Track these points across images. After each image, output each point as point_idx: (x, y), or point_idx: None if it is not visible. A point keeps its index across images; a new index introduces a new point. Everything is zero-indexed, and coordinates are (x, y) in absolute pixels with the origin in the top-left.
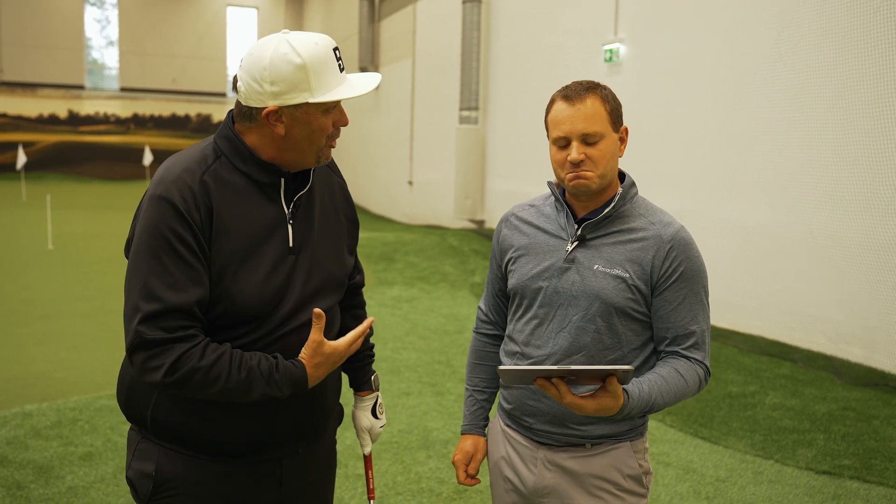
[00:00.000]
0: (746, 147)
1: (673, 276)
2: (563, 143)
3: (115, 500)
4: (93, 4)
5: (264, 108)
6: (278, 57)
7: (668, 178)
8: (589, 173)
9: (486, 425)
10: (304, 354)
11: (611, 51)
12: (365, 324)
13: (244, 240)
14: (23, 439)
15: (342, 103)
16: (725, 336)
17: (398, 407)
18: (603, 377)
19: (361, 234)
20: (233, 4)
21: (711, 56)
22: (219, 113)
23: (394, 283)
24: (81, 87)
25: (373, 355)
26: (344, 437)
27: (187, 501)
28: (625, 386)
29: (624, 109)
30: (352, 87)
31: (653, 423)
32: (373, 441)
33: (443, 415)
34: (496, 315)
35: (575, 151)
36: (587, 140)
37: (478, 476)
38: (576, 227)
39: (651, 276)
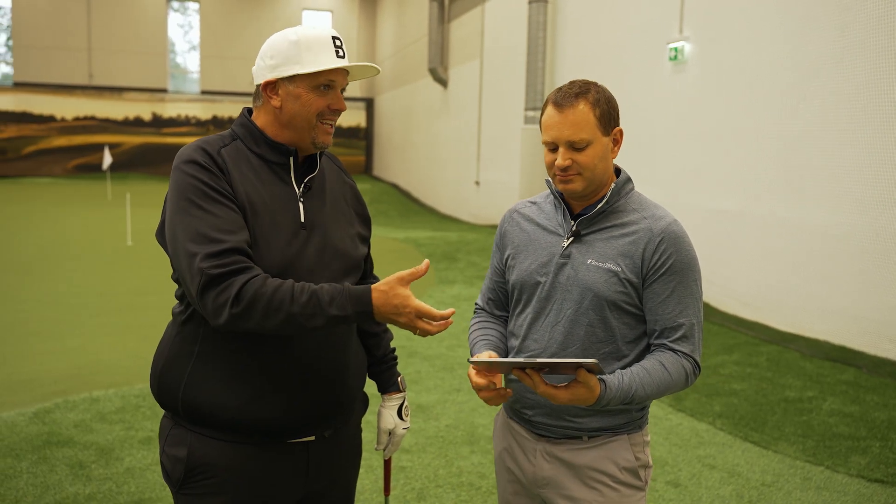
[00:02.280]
0: (809, 146)
1: (662, 269)
2: (552, 147)
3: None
4: (176, 10)
5: (264, 81)
6: (279, 38)
7: (730, 177)
8: (575, 178)
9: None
10: (377, 284)
11: (675, 49)
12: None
13: (261, 211)
14: (88, 423)
15: (344, 100)
16: (788, 340)
17: (448, 403)
18: (574, 368)
19: (426, 233)
20: (308, 8)
21: (776, 53)
22: None
23: (454, 281)
24: (165, 91)
25: (396, 358)
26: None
27: (218, 485)
28: (603, 377)
29: (687, 108)
30: (343, 62)
31: (701, 426)
32: (393, 445)
33: (491, 412)
34: (492, 306)
35: (561, 158)
36: (574, 146)
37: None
38: (572, 223)
39: (642, 269)
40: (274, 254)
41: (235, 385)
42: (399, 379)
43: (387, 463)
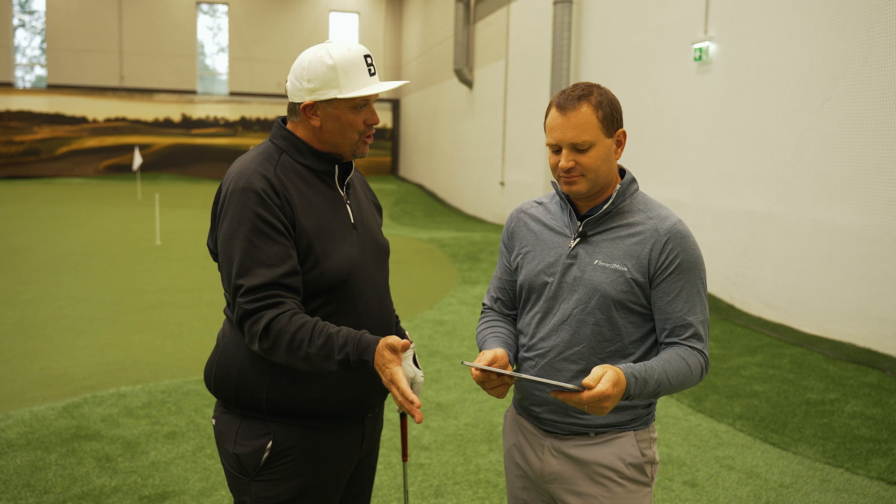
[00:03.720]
0: (837, 147)
1: (669, 269)
2: (555, 149)
3: (191, 476)
4: (205, 13)
5: (303, 103)
6: (315, 59)
7: (755, 178)
8: (578, 179)
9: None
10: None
11: (700, 49)
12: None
13: (320, 218)
14: (115, 417)
15: (374, 106)
16: (812, 342)
17: (467, 402)
18: (558, 390)
19: (450, 234)
20: (336, 10)
21: (801, 54)
22: None
23: (477, 281)
24: (194, 93)
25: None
26: (411, 427)
27: (297, 467)
28: (628, 371)
29: (712, 108)
30: (380, 86)
31: (721, 427)
32: (417, 391)
33: None
34: (500, 305)
35: (564, 160)
36: (577, 148)
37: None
38: (578, 224)
39: (648, 269)
40: (342, 257)
41: (317, 378)
42: (406, 332)
43: (403, 426)
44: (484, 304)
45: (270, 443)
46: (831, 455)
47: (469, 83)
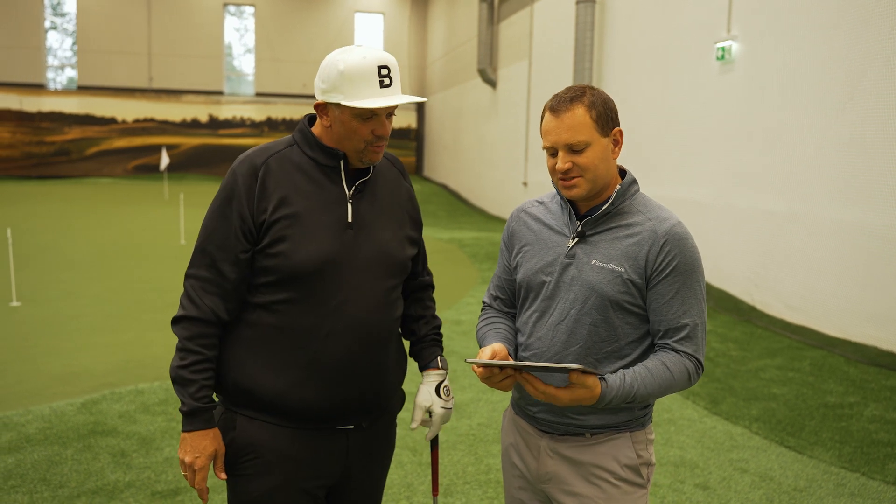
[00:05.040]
0: (860, 147)
1: (666, 270)
2: (552, 152)
3: None
4: (232, 15)
5: (317, 101)
6: (331, 61)
7: (778, 179)
8: (577, 181)
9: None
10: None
11: (723, 49)
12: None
13: (302, 208)
14: (132, 413)
15: (398, 109)
16: (833, 344)
17: (481, 402)
18: (566, 372)
19: (471, 234)
20: (361, 11)
21: (824, 53)
22: None
23: None
24: (221, 93)
25: (438, 338)
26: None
27: (265, 466)
28: (604, 376)
29: (734, 108)
30: (379, 101)
31: (737, 430)
32: (434, 426)
33: None
34: (499, 304)
35: (561, 161)
36: (573, 149)
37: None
38: (577, 223)
39: (645, 270)
40: (314, 250)
41: (279, 370)
42: (439, 357)
43: (434, 459)
44: (484, 302)
45: (234, 435)
46: (848, 459)
47: (493, 83)
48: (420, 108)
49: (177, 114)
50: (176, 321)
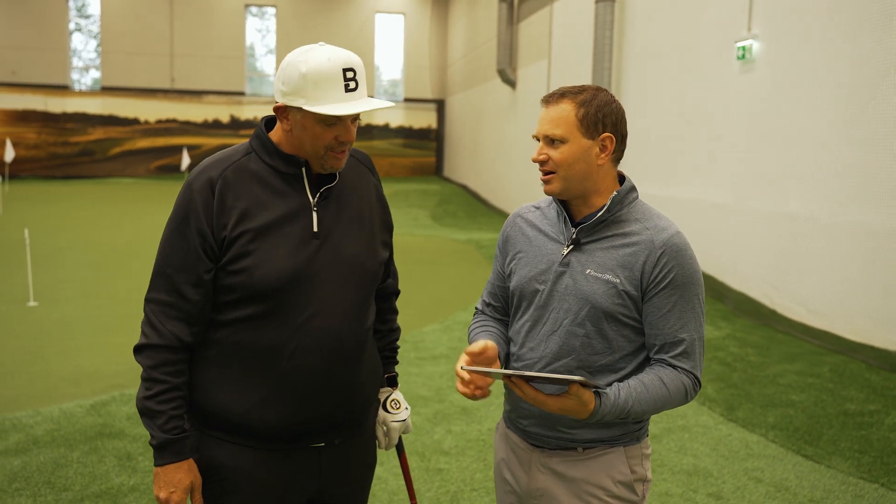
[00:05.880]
0: (882, 148)
1: (663, 283)
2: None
3: None
4: (254, 16)
5: (277, 104)
6: (292, 63)
7: (799, 180)
8: (552, 178)
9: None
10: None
11: (743, 48)
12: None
13: (264, 221)
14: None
15: (349, 122)
16: (854, 349)
17: (491, 406)
18: (566, 383)
19: (489, 235)
20: (382, 11)
21: (846, 52)
22: (365, 115)
23: None
24: (242, 94)
25: (392, 354)
26: (433, 431)
27: (232, 486)
28: (599, 391)
29: (755, 108)
30: (346, 107)
31: (753, 438)
32: (391, 439)
33: None
34: (492, 311)
35: (537, 151)
36: (549, 140)
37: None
38: (572, 230)
39: (641, 282)
40: (280, 264)
41: (244, 390)
42: (385, 376)
43: (405, 469)
44: (476, 308)
45: (200, 458)
46: (867, 469)
47: (512, 83)
48: (440, 108)
49: (199, 114)
50: (138, 350)
